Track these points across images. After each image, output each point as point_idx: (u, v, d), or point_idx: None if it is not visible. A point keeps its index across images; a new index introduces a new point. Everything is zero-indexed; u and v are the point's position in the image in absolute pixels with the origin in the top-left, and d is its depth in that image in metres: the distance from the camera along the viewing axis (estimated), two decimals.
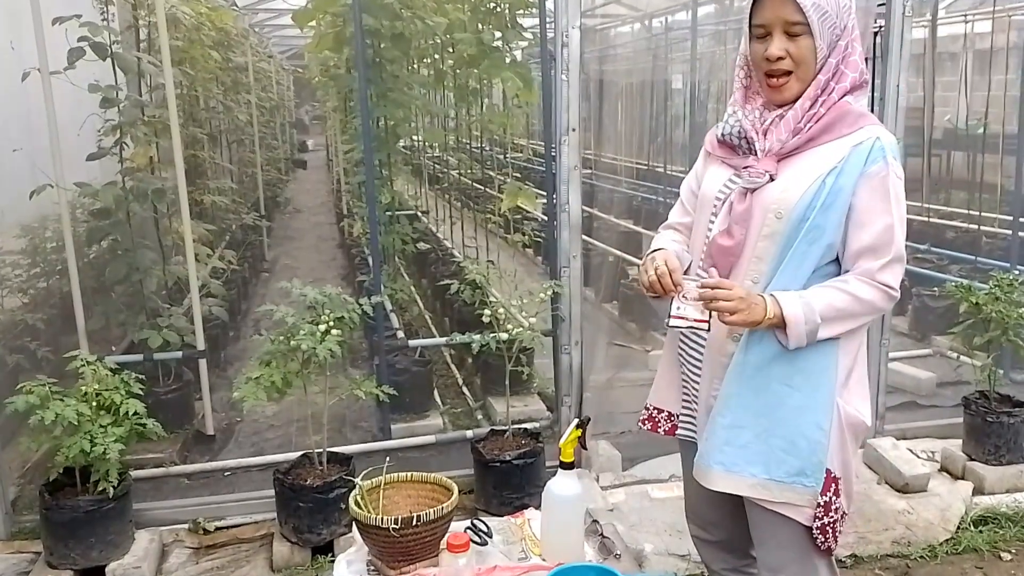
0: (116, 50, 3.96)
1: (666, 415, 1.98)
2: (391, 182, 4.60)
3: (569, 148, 3.40)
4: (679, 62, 9.26)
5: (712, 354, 1.78)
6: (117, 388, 2.81)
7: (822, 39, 1.62)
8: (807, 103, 1.66)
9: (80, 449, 2.66)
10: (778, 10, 1.61)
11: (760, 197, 1.68)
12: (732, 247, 1.70)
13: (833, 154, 1.65)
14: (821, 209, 1.62)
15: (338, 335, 2.99)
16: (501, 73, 4.60)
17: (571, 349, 3.52)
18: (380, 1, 4.09)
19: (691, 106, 7.14)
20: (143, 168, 4.37)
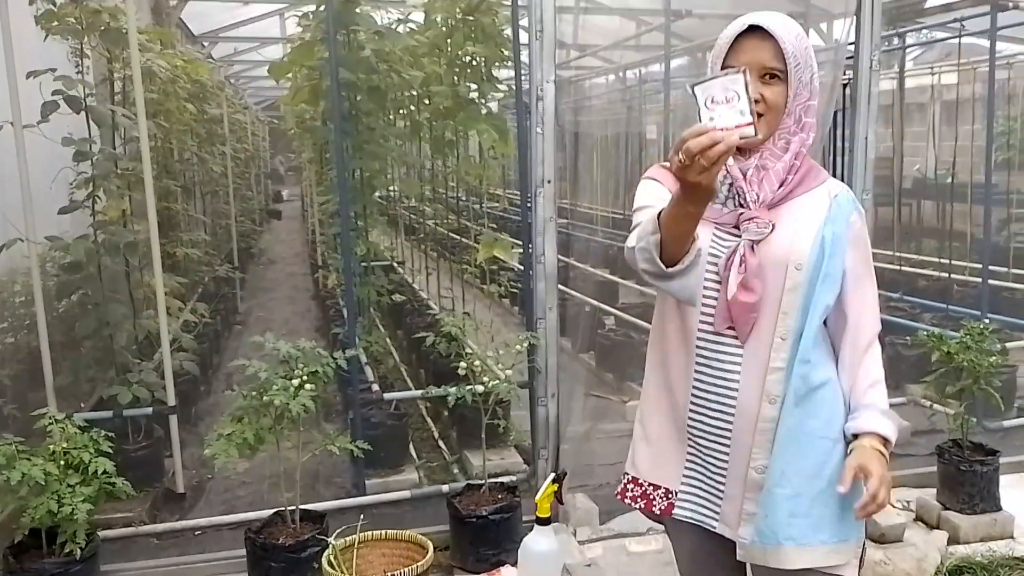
0: (90, 103, 3.96)
1: (663, 492, 1.77)
2: (366, 233, 4.59)
3: (544, 200, 3.42)
4: (653, 113, 9.43)
5: (746, 423, 1.65)
6: (86, 446, 2.74)
7: (797, 85, 1.62)
8: (788, 157, 1.65)
9: (47, 510, 2.59)
10: (757, 54, 1.59)
11: (768, 249, 1.63)
12: (755, 303, 1.62)
13: (815, 205, 1.67)
14: (829, 257, 1.62)
15: (312, 390, 2.94)
16: (477, 125, 4.65)
17: (547, 401, 3.50)
18: (356, 55, 4.13)
19: (665, 156, 7.23)
20: (115, 221, 4.34)
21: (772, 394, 1.62)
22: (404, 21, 4.77)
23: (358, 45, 4.13)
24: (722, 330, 1.65)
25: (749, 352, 1.65)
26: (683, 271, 1.53)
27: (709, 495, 1.72)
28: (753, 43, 1.60)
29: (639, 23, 8.29)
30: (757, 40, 1.59)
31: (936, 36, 8.01)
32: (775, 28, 1.59)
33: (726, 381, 1.66)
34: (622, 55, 9.64)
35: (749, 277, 1.61)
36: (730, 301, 1.62)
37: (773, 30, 1.59)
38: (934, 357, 3.68)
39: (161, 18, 7.35)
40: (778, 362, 1.63)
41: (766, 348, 1.64)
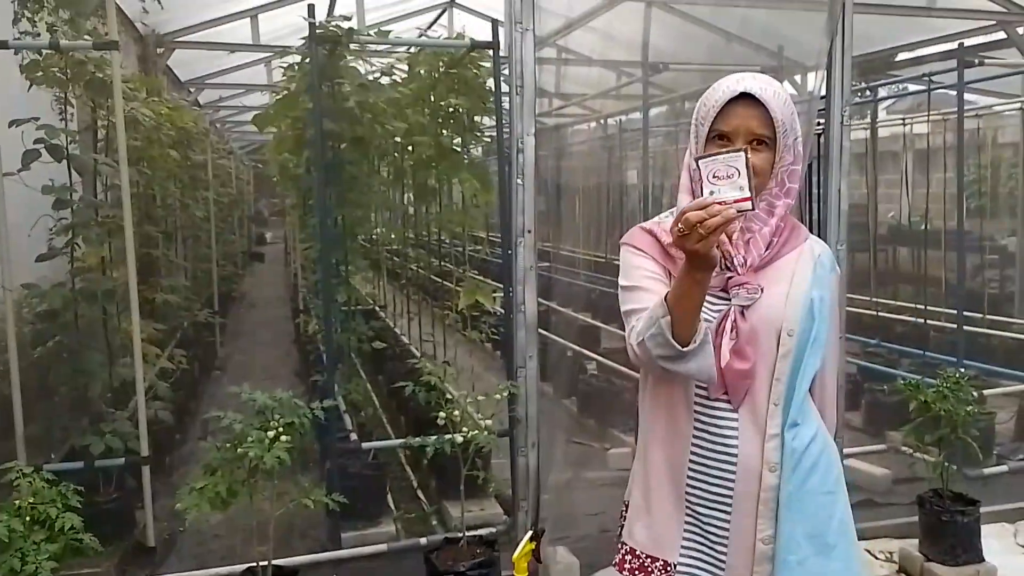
0: (73, 151, 3.96)
1: (661, 564, 1.71)
2: (348, 280, 4.59)
3: (525, 249, 3.44)
4: (633, 160, 9.57)
5: (748, 491, 1.63)
6: (53, 500, 2.67)
7: (782, 150, 1.64)
8: (774, 221, 1.67)
9: (9, 568, 2.51)
10: (746, 121, 1.61)
11: (758, 314, 1.63)
12: (749, 370, 1.61)
13: (801, 265, 1.69)
14: (818, 322, 1.64)
15: (287, 441, 2.90)
16: (459, 174, 4.69)
17: (528, 451, 3.47)
18: (340, 106, 4.16)
19: (645, 201, 7.32)
20: (94, 268, 4.32)
21: (772, 462, 1.62)
22: (388, 74, 4.83)
23: (342, 96, 4.17)
24: (717, 396, 1.64)
25: (744, 417, 1.64)
26: (698, 348, 1.53)
27: (710, 567, 1.69)
28: (743, 109, 1.61)
29: (620, 74, 8.44)
30: (746, 106, 1.61)
31: (908, 88, 8.19)
32: (765, 96, 1.61)
33: (725, 447, 1.64)
34: (603, 104, 9.79)
35: (742, 344, 1.61)
36: (724, 368, 1.60)
37: (764, 98, 1.61)
38: (912, 406, 3.69)
39: (148, 65, 7.39)
40: (774, 428, 1.63)
41: (761, 414, 1.64)
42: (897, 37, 7.62)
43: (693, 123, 1.68)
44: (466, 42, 4.39)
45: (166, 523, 4.22)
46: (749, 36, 6.90)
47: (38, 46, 3.71)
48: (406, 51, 4.94)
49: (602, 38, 7.87)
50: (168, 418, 4.53)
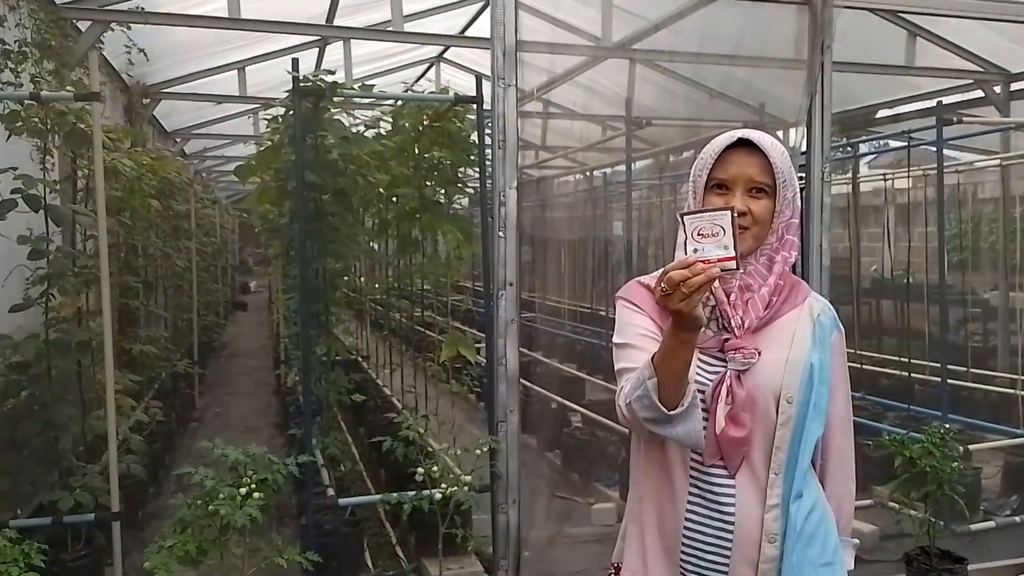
0: (52, 201, 3.93)
1: None
2: (328, 331, 4.54)
3: (506, 303, 3.42)
4: (618, 211, 9.65)
5: (746, 560, 1.57)
6: (16, 560, 2.59)
7: (782, 203, 1.60)
8: (773, 279, 1.62)
9: None
10: (745, 168, 1.59)
11: (756, 380, 1.57)
12: (744, 437, 1.55)
13: (800, 325, 1.63)
14: (817, 386, 1.59)
15: (260, 499, 2.84)
16: (442, 226, 4.68)
17: (508, 508, 3.40)
18: (323, 158, 4.17)
19: (630, 252, 7.36)
20: (70, 318, 4.26)
21: (772, 533, 1.55)
22: (372, 126, 4.85)
23: (325, 148, 4.17)
24: (712, 462, 1.58)
25: (742, 484, 1.57)
26: (684, 412, 1.48)
27: None
28: (742, 157, 1.59)
29: (604, 127, 8.56)
30: (746, 154, 1.60)
31: (888, 144, 8.33)
32: (764, 143, 1.59)
33: (721, 515, 1.57)
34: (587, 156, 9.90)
35: (737, 410, 1.55)
36: (719, 435, 1.55)
37: (763, 145, 1.59)
38: (897, 462, 3.66)
39: (133, 116, 7.43)
40: (774, 499, 1.56)
41: (761, 482, 1.57)
42: (877, 94, 7.78)
43: (691, 175, 1.63)
44: (450, 96, 4.43)
45: None
46: (731, 92, 7.03)
47: (19, 96, 3.71)
48: (392, 104, 4.98)
49: (586, 92, 8.01)
50: (141, 472, 4.41)
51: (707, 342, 1.59)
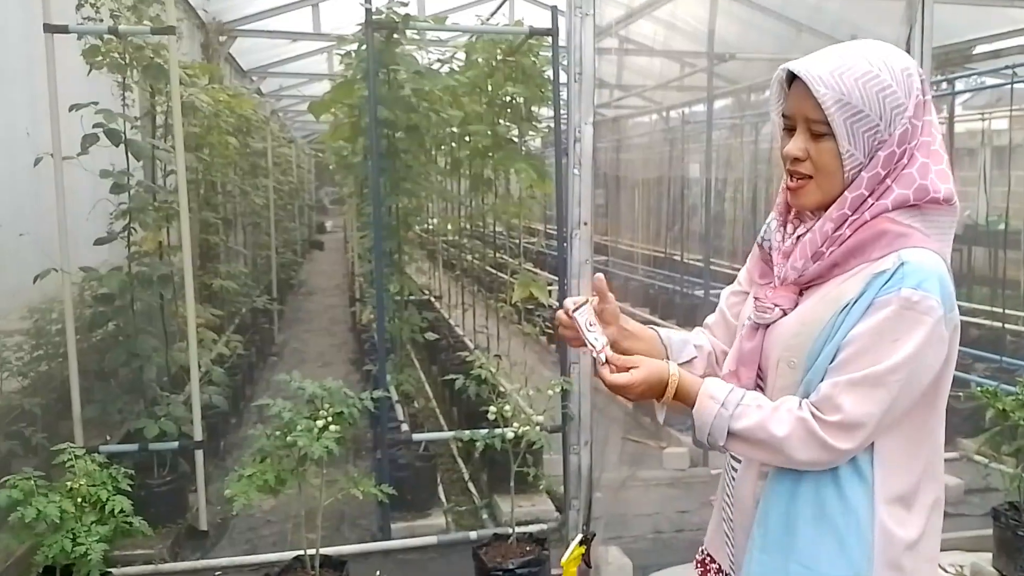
0: (132, 136, 3.99)
1: (716, 568, 1.59)
2: (402, 270, 4.54)
3: (580, 242, 3.34)
4: (696, 152, 9.37)
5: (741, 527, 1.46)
6: (104, 483, 2.69)
7: (852, 144, 1.31)
8: (829, 225, 1.35)
9: (61, 548, 2.53)
10: (800, 104, 1.34)
11: (772, 336, 1.42)
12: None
13: (847, 284, 1.34)
14: (824, 356, 1.34)
15: (336, 432, 2.87)
16: (515, 164, 4.59)
17: (580, 449, 3.38)
18: (396, 94, 4.11)
19: (707, 196, 7.14)
20: (152, 253, 4.36)
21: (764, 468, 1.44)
22: (446, 61, 4.76)
23: (398, 84, 4.11)
24: None
25: None
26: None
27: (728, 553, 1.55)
28: (797, 91, 1.36)
29: (683, 64, 8.24)
30: (802, 88, 1.34)
31: (987, 82, 7.81)
32: (811, 73, 1.31)
33: (731, 480, 1.52)
34: (664, 95, 9.59)
35: (736, 364, 1.48)
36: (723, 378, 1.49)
37: (808, 76, 1.31)
38: (989, 414, 3.49)
39: (210, 53, 7.49)
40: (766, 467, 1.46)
41: None
42: (976, 28, 7.26)
43: (771, 107, 1.47)
44: (525, 29, 4.29)
45: (219, 507, 4.24)
46: (820, 26, 6.65)
47: (98, 31, 3.74)
48: (465, 38, 4.87)
49: (665, 28, 7.70)
50: (222, 403, 4.55)
51: (760, 290, 1.48)
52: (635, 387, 1.39)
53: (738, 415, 1.34)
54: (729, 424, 1.34)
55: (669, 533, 4.04)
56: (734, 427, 1.34)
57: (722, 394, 1.37)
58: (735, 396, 1.36)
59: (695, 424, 1.38)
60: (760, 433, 1.33)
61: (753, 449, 1.36)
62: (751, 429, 1.33)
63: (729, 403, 1.36)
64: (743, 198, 8.92)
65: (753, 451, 1.37)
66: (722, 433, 1.35)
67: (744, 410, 1.35)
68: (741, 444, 1.36)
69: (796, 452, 1.32)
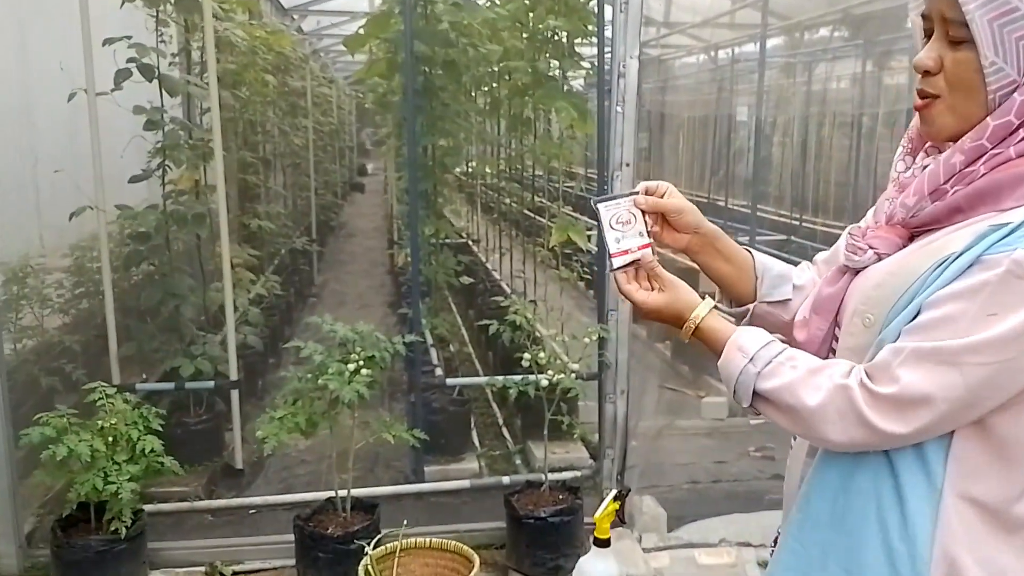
0: (167, 72, 3.91)
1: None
2: (437, 213, 4.45)
3: (622, 185, 3.20)
4: (745, 94, 9.05)
5: (791, 474, 1.27)
6: (135, 423, 2.68)
7: (998, 54, 1.00)
8: (959, 157, 1.07)
9: (92, 486, 2.54)
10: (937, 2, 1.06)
11: (858, 283, 1.16)
12: (804, 343, 1.20)
13: (954, 237, 1.07)
14: (903, 316, 1.07)
15: (368, 375, 2.82)
16: (556, 103, 4.42)
17: (616, 398, 3.29)
18: (432, 28, 3.97)
19: (756, 139, 6.89)
20: (189, 191, 4.32)
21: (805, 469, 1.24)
22: None
23: (435, 17, 3.96)
24: None
25: None
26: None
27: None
28: None
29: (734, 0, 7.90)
30: None
31: None
32: None
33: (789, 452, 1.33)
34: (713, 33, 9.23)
35: (809, 310, 1.23)
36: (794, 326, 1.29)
37: None
38: None
39: None
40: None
41: None
42: None
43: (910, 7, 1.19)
44: None
45: (254, 446, 4.25)
46: None
47: None
48: None
49: None
50: (258, 343, 4.55)
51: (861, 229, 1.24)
52: (649, 308, 1.25)
53: (768, 373, 1.12)
54: (755, 383, 1.13)
55: (705, 484, 3.98)
56: (761, 387, 1.12)
57: (753, 346, 1.15)
58: (769, 351, 1.14)
59: (721, 375, 1.19)
60: (788, 398, 1.10)
61: (782, 416, 1.13)
62: (778, 391, 1.11)
63: (760, 358, 1.13)
64: (792, 142, 8.61)
65: (782, 419, 1.13)
66: (747, 392, 1.14)
67: (776, 368, 1.12)
68: (769, 408, 1.14)
69: (827, 428, 1.07)
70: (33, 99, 4.46)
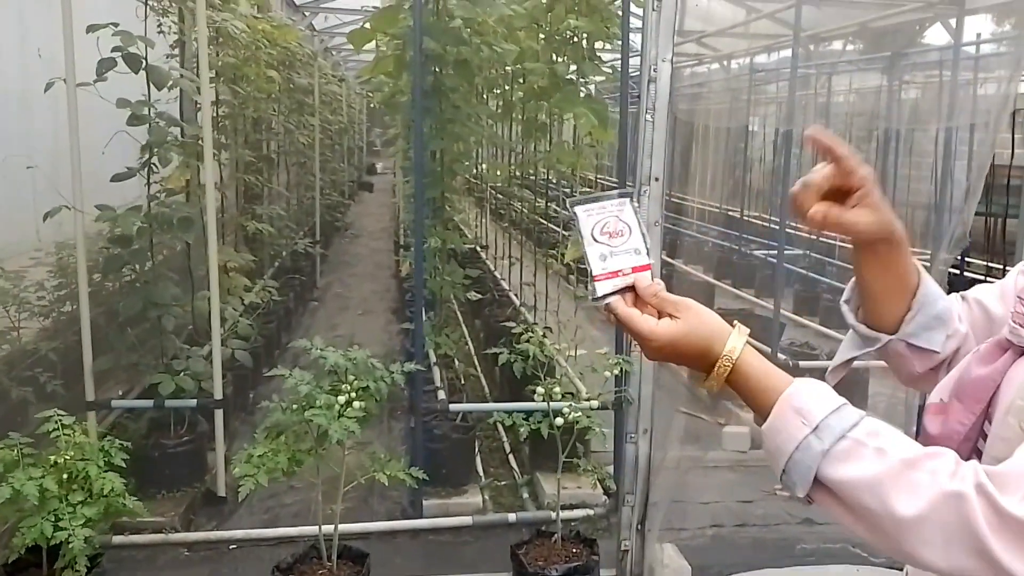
0: (156, 64, 3.60)
1: None
2: (444, 221, 4.14)
3: (649, 201, 2.87)
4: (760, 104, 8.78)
5: None
6: (92, 458, 2.37)
7: None
8: None
9: (40, 533, 2.22)
10: None
11: (1018, 370, 0.89)
12: (938, 437, 0.91)
13: None
14: None
15: (361, 409, 2.51)
16: (574, 108, 4.11)
17: (638, 438, 2.96)
18: (444, 24, 3.65)
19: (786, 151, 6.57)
20: (179, 191, 4.03)
21: None
22: None
23: (447, 12, 3.65)
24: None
25: None
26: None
27: None
28: None
29: (748, 9, 7.59)
30: None
31: None
32: None
33: None
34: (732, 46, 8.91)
35: (953, 394, 0.93)
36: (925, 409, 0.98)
37: None
38: None
39: None
40: None
41: None
42: None
43: None
44: None
45: None
46: None
47: None
48: None
49: None
50: (246, 358, 4.22)
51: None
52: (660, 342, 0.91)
53: (840, 455, 0.80)
54: (820, 466, 0.81)
55: (729, 527, 3.65)
56: (828, 474, 0.81)
57: (818, 410, 0.82)
58: (841, 420, 0.81)
59: (765, 445, 0.87)
60: (868, 498, 0.79)
61: (855, 520, 0.81)
62: (854, 486, 0.79)
63: (828, 430, 0.81)
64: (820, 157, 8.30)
65: (856, 524, 0.81)
66: (805, 479, 0.81)
67: (852, 449, 0.80)
68: (836, 505, 0.82)
69: (925, 549, 0.77)
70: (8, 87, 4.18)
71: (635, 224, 0.95)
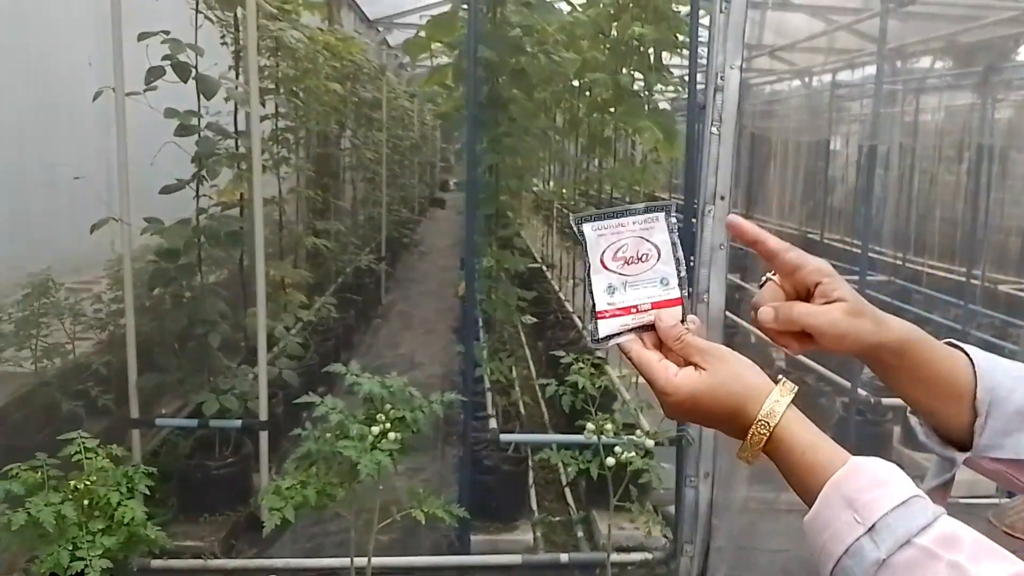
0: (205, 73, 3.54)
1: None
2: (501, 240, 3.96)
3: (714, 222, 2.63)
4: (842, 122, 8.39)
5: None
6: (118, 485, 2.25)
7: None
8: None
9: (56, 562, 2.11)
10: None
11: None
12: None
13: None
14: None
15: (396, 440, 2.33)
16: (639, 122, 3.90)
17: (699, 482, 2.70)
18: (501, 32, 3.49)
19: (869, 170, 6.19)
20: (233, 205, 3.96)
21: None
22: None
23: (504, 19, 3.49)
24: None
25: None
26: None
27: None
28: None
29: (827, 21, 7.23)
30: None
31: None
32: None
33: None
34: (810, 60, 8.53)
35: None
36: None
37: None
38: None
39: None
40: None
41: None
42: None
43: None
44: None
45: None
46: None
47: None
48: None
49: None
50: (294, 379, 4.10)
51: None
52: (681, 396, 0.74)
53: (900, 566, 0.62)
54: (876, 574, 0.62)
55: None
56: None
57: (878, 503, 0.64)
58: (909, 518, 0.63)
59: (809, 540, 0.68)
60: None
61: None
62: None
63: (887, 530, 0.62)
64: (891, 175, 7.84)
65: None
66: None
67: (919, 560, 0.61)
68: None
69: None
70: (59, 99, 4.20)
71: (667, 247, 0.76)
